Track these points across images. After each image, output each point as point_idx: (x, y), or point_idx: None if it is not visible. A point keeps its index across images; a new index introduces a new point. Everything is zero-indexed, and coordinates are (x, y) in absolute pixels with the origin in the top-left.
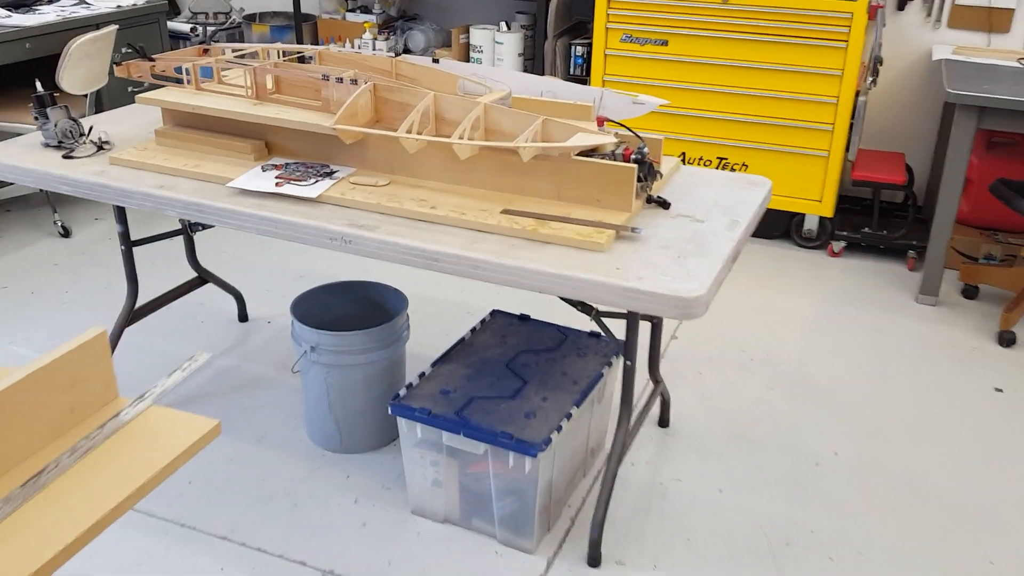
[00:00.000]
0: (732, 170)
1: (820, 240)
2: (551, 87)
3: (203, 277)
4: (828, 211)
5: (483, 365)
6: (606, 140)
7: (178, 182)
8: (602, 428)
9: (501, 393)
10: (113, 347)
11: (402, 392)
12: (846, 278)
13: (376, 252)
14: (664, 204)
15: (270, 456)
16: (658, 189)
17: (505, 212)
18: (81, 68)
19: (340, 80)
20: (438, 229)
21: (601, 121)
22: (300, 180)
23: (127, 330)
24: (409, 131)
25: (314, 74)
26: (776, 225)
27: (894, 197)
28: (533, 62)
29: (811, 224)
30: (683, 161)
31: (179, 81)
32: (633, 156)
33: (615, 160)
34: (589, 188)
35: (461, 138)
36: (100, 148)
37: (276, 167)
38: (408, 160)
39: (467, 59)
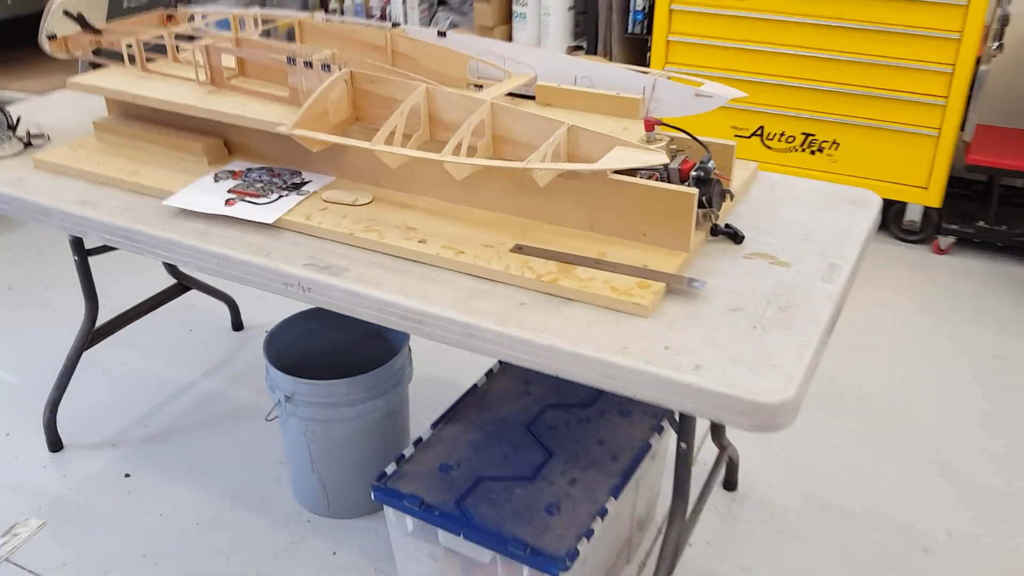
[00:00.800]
0: (820, 150)
1: (924, 234)
2: (589, 71)
3: (183, 284)
4: (935, 200)
5: (497, 427)
6: (652, 161)
7: (107, 195)
8: (652, 495)
9: (518, 471)
10: (68, 376)
11: (389, 469)
12: (955, 283)
13: (344, 305)
14: (736, 237)
15: (245, 520)
16: (727, 212)
17: (517, 250)
18: (66, 27)
19: (309, 64)
20: (427, 273)
21: (651, 124)
22: (259, 195)
23: (99, 345)
24: (390, 138)
25: (278, 56)
26: None
27: (1015, 183)
28: (585, 16)
29: (913, 215)
30: (762, 139)
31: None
32: (694, 172)
33: (668, 179)
34: (633, 217)
35: (457, 150)
36: (28, 145)
37: (233, 175)
38: (398, 171)
39: (509, 12)
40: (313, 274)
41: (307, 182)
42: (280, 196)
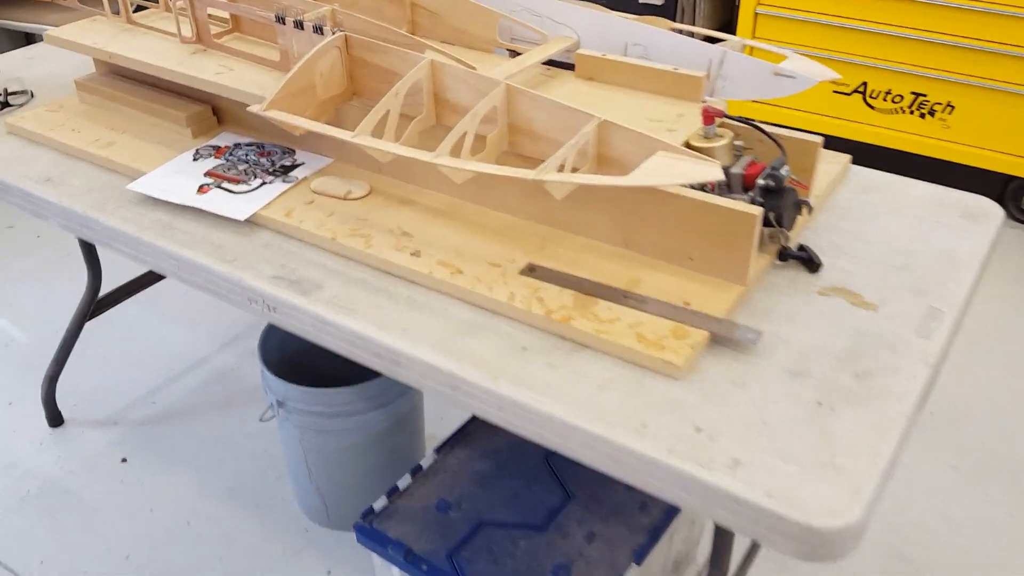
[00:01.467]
0: (932, 113)
1: None
2: (644, 37)
3: None
4: None
5: (511, 455)
6: (701, 177)
7: (75, 171)
8: (694, 534)
9: (527, 517)
10: (67, 350)
11: (378, 504)
12: None
13: (311, 332)
14: (810, 264)
15: (239, 522)
16: (803, 224)
17: (529, 271)
18: None
19: (299, 25)
20: (416, 296)
21: (710, 116)
22: (238, 181)
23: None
24: (382, 122)
25: (265, 14)
26: (984, 190)
27: None
28: None
29: None
30: (864, 97)
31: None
32: (762, 180)
33: (728, 187)
34: (677, 236)
35: (459, 145)
36: (5, 105)
37: (216, 152)
38: (397, 160)
39: None
40: (280, 291)
41: (298, 164)
42: (263, 183)
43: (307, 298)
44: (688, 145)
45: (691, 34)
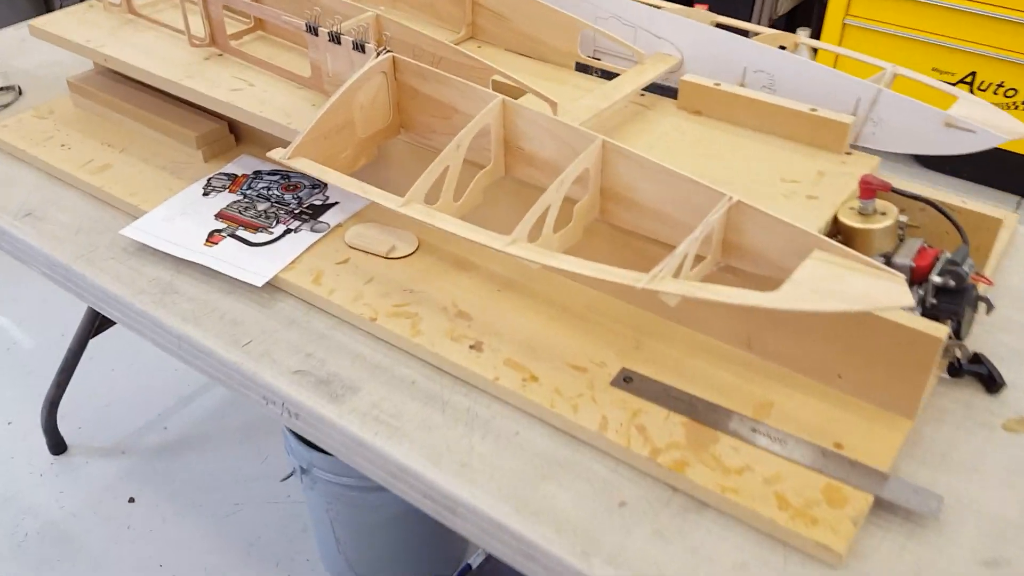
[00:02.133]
0: None
1: None
2: (768, 62)
3: None
4: None
5: None
6: (886, 302)
7: (62, 200)
8: None
9: None
10: (69, 372)
11: None
12: None
13: (343, 452)
14: (990, 382)
15: None
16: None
17: (624, 382)
18: None
19: (335, 39)
20: (478, 409)
21: (871, 188)
22: (258, 226)
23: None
24: (440, 180)
25: (294, 20)
26: None
27: None
28: None
29: None
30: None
31: None
32: (938, 277)
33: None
34: (820, 346)
35: (540, 222)
36: None
37: (233, 183)
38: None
39: None
40: (304, 393)
41: (331, 204)
42: (287, 230)
43: (338, 406)
44: (838, 223)
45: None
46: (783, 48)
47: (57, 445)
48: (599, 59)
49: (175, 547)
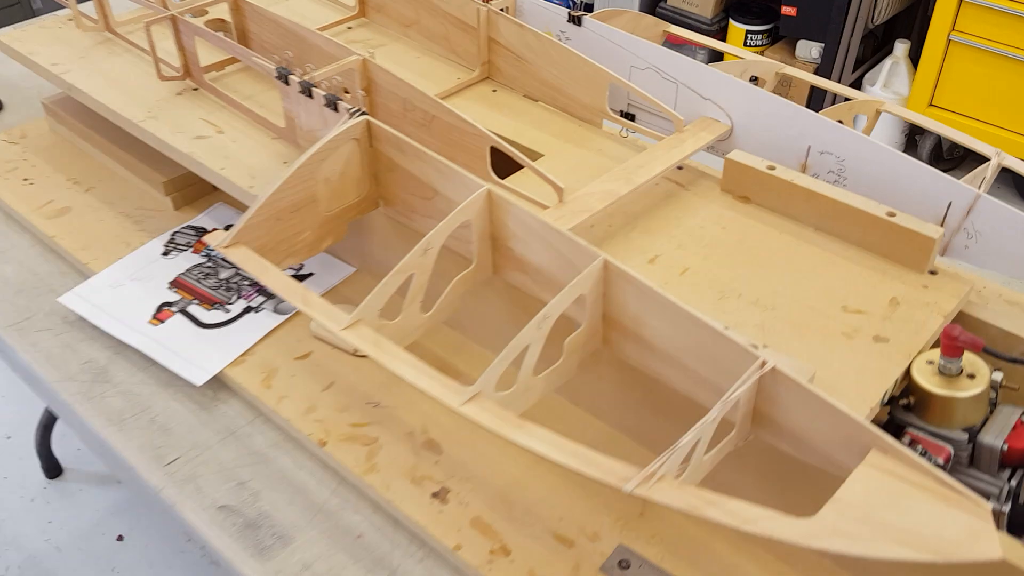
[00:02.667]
0: None
1: None
2: (839, 143)
3: None
4: None
5: None
6: (965, 555)
7: (13, 248)
8: None
9: None
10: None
11: None
12: None
13: None
14: None
15: None
16: None
17: (618, 568)
18: None
19: (307, 91)
20: None
21: (957, 348)
22: (214, 300)
23: None
24: (404, 287)
25: (264, 63)
26: None
27: None
28: None
29: None
30: None
31: None
32: None
33: (972, 463)
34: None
35: (519, 360)
36: None
37: (200, 239)
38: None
39: None
40: (226, 538)
41: (305, 276)
42: (247, 308)
43: (262, 563)
44: (912, 380)
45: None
46: (861, 115)
47: (52, 468)
48: (633, 116)
49: None
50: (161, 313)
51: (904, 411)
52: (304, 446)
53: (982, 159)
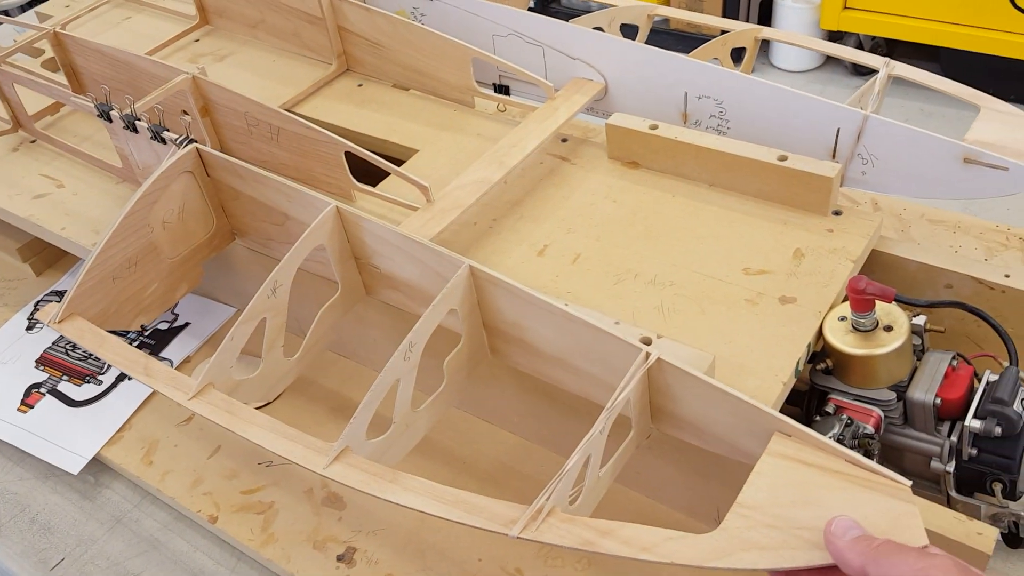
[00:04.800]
0: None
1: None
2: (716, 85)
3: None
4: None
5: None
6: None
7: None
8: None
9: None
10: None
11: None
12: None
13: None
14: None
15: None
16: None
17: None
18: None
19: (130, 125)
20: None
21: (866, 302)
22: (86, 372)
23: None
24: (261, 332)
25: (83, 102)
26: None
27: None
28: None
29: None
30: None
31: None
32: (977, 424)
33: (907, 421)
34: None
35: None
36: None
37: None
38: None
39: None
40: None
41: (181, 328)
42: (120, 376)
43: None
44: (827, 344)
45: None
46: (742, 49)
47: None
48: (507, 88)
49: None
50: (30, 397)
51: (824, 376)
52: (196, 523)
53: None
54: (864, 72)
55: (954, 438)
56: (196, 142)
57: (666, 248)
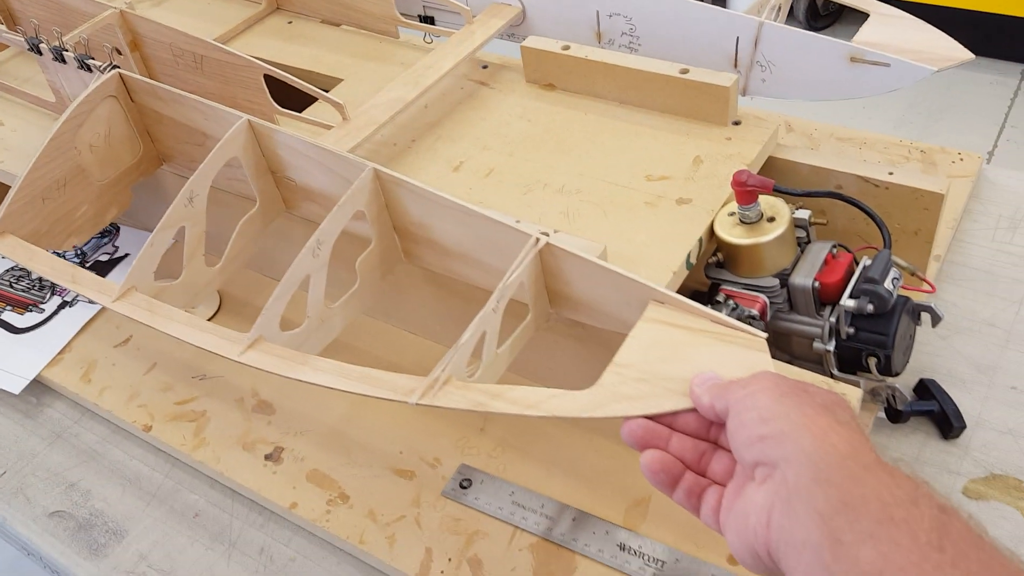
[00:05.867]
0: None
1: None
2: (624, 2)
3: None
4: None
5: None
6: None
7: None
8: None
9: None
10: None
11: None
12: None
13: None
14: (946, 425)
15: None
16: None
17: (459, 489)
18: None
19: (59, 56)
20: (275, 548)
21: (749, 193)
22: (29, 301)
23: None
24: (181, 244)
25: (13, 37)
26: None
27: None
28: None
29: None
30: None
31: None
32: (851, 303)
33: (792, 308)
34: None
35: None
36: None
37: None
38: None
39: None
40: (58, 546)
41: (120, 259)
42: (62, 303)
43: (97, 562)
44: (717, 238)
45: None
46: None
47: None
48: (432, 18)
49: None
50: None
51: (717, 269)
52: (133, 435)
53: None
54: None
55: (833, 319)
56: (119, 68)
57: (575, 161)
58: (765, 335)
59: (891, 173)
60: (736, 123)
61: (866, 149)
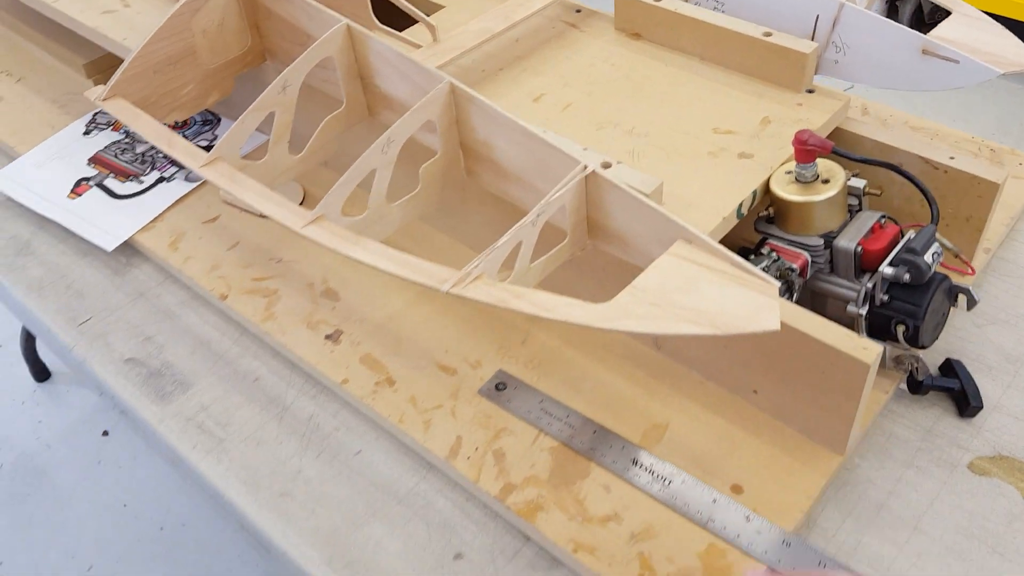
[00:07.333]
0: None
1: None
2: None
3: None
4: None
5: None
6: (744, 326)
7: None
8: None
9: None
10: None
11: None
12: None
13: (167, 461)
14: (964, 403)
15: (217, 534)
16: (954, 315)
17: (495, 390)
18: None
19: None
20: (322, 418)
21: (810, 152)
22: (131, 172)
23: None
24: (281, 132)
25: None
26: None
27: None
28: None
29: None
30: None
31: None
32: (890, 271)
33: (833, 270)
34: (732, 354)
35: (370, 186)
36: None
37: (118, 120)
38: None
39: None
40: (129, 388)
41: (214, 138)
42: (161, 178)
43: (162, 407)
44: (771, 193)
45: None
46: None
47: (40, 372)
48: None
49: (138, 490)
50: (79, 187)
51: (766, 223)
52: (209, 302)
53: None
54: None
55: (870, 284)
56: None
57: (648, 107)
58: (778, 283)
59: (952, 158)
60: (810, 91)
61: (937, 140)
